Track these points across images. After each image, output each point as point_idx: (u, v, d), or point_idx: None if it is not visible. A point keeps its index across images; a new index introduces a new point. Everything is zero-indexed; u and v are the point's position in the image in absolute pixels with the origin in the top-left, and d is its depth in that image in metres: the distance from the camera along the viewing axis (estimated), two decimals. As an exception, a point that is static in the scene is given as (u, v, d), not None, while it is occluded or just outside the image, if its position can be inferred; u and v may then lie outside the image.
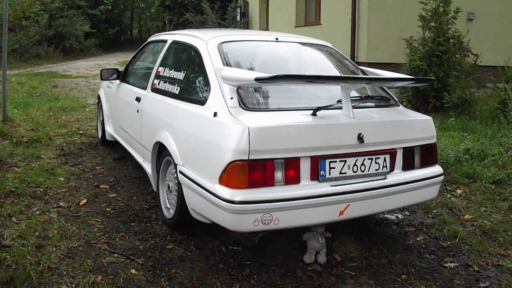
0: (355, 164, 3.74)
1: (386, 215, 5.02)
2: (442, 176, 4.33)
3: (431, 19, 9.95)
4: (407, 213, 5.12)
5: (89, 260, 3.82)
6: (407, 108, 5.79)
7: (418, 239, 4.53)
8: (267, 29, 20.39)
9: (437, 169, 4.29)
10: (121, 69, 6.50)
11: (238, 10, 22.08)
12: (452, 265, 4.05)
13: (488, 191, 5.73)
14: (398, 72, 6.52)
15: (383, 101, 4.39)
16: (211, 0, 19.76)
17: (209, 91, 3.96)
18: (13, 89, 12.52)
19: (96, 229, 4.44)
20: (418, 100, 9.88)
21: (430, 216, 5.07)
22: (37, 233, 4.22)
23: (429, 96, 9.66)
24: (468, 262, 4.11)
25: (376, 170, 3.84)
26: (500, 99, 8.66)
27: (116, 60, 25.85)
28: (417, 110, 8.16)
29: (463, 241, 4.49)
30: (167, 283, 3.57)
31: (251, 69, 4.24)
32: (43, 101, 11.18)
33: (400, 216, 5.03)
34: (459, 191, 5.72)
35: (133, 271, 3.71)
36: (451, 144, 7.19)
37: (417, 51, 10.08)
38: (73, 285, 3.46)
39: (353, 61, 12.34)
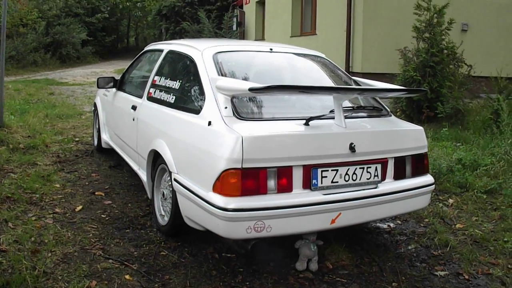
0: (346, 173, 3.80)
1: (378, 224, 5.08)
2: (433, 185, 4.39)
3: (425, 30, 10.05)
4: (399, 222, 5.18)
5: (84, 266, 3.87)
6: (401, 118, 5.86)
7: (410, 247, 4.59)
8: (263, 38, 20.50)
9: (428, 178, 4.35)
10: (118, 77, 6.56)
11: (234, 19, 22.21)
12: (442, 273, 4.10)
13: (479, 200, 5.78)
14: (392, 83, 6.61)
15: (375, 111, 4.46)
16: (208, 9, 19.91)
17: (204, 101, 4.02)
18: (9, 96, 12.57)
19: (91, 235, 4.49)
20: (412, 110, 9.97)
21: (422, 225, 5.12)
22: (33, 239, 4.27)
23: (423, 107, 9.74)
24: (459, 270, 4.16)
25: (367, 179, 3.90)
26: (493, 110, 8.74)
27: (113, 68, 25.93)
28: (411, 120, 8.26)
29: (454, 250, 4.54)
30: (161, 289, 3.63)
31: (245, 79, 4.29)
32: (40, 108, 11.23)
33: (392, 225, 5.08)
34: (451, 201, 5.78)
35: (127, 276, 3.76)
36: (443, 154, 7.26)
37: (411, 62, 10.17)
38: (68, 290, 3.51)
39: (348, 71, 12.52)
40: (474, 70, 10.04)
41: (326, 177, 3.72)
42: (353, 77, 5.13)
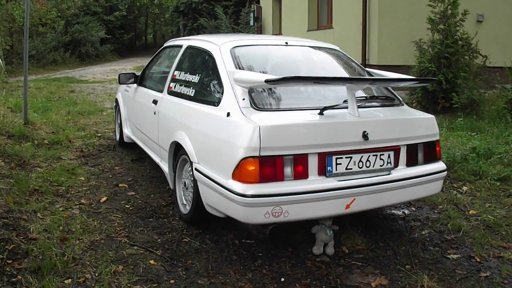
0: (360, 160, 3.93)
1: (393, 211, 5.21)
2: (445, 172, 4.49)
3: (440, 21, 10.10)
4: (414, 208, 5.31)
5: (111, 252, 4.07)
6: (417, 109, 5.97)
7: (423, 232, 4.71)
8: (280, 33, 20.59)
9: (440, 165, 4.46)
10: (138, 73, 6.75)
11: (251, 15, 22.25)
12: (455, 256, 4.23)
13: (493, 187, 5.87)
14: (408, 74, 6.70)
15: (388, 101, 4.59)
16: (225, 5, 20.01)
17: (223, 93, 4.18)
18: (32, 94, 12.75)
19: (116, 224, 4.69)
20: (427, 101, 10.04)
21: (436, 211, 5.24)
22: (61, 228, 4.48)
23: (438, 97, 9.81)
24: (471, 253, 4.28)
25: (380, 166, 4.03)
26: (507, 99, 8.80)
27: (132, 65, 26.15)
28: (427, 110, 8.35)
29: (467, 234, 4.66)
30: (184, 272, 3.81)
31: (262, 71, 4.43)
32: (62, 106, 11.46)
33: (406, 211, 5.21)
34: (465, 188, 5.88)
35: (152, 261, 3.95)
36: (458, 143, 7.35)
37: (426, 53, 10.23)
38: (96, 274, 3.70)
39: (365, 63, 12.61)
40: (489, 61, 10.09)
41: (340, 164, 3.86)
42: (366, 68, 5.26)
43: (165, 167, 5.22)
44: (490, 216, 5.06)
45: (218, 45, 4.68)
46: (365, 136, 3.89)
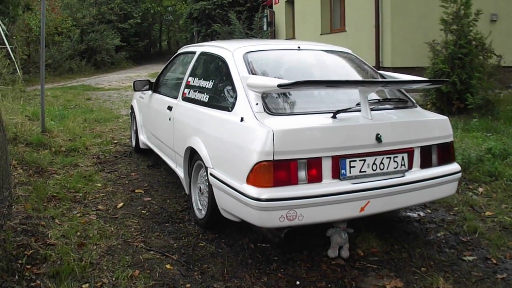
0: (374, 163, 3.94)
1: (408, 213, 5.20)
2: (460, 173, 4.47)
3: (453, 22, 10.05)
4: (429, 210, 5.29)
5: (127, 257, 4.12)
6: (431, 110, 5.95)
7: (439, 234, 4.70)
8: (293, 37, 20.62)
9: (454, 166, 4.44)
10: (153, 80, 6.81)
11: (265, 19, 22.32)
12: (470, 258, 4.20)
13: (509, 188, 5.81)
14: (421, 76, 6.69)
15: (401, 103, 4.59)
16: (238, 10, 20.09)
17: (236, 98, 4.22)
18: (48, 102, 12.91)
19: (133, 229, 4.74)
20: (442, 103, 9.98)
21: (451, 213, 5.22)
22: (78, 233, 4.54)
23: (453, 98, 9.74)
24: (487, 255, 4.25)
25: (394, 168, 4.03)
26: (523, 99, 8.75)
27: (147, 72, 26.34)
28: (441, 112, 8.29)
29: (483, 236, 4.63)
30: (200, 276, 3.84)
31: (274, 76, 4.45)
32: (78, 113, 11.56)
33: (421, 213, 5.20)
34: (480, 189, 5.84)
35: (168, 266, 3.99)
36: (473, 144, 7.31)
37: (440, 54, 10.18)
38: (113, 279, 3.75)
39: (378, 66, 12.59)
40: (504, 60, 10.01)
41: (354, 167, 3.87)
42: (379, 71, 5.26)
43: (180, 172, 5.26)
44: (507, 217, 5.02)
45: (231, 51, 4.72)
46: (378, 138, 3.90)
